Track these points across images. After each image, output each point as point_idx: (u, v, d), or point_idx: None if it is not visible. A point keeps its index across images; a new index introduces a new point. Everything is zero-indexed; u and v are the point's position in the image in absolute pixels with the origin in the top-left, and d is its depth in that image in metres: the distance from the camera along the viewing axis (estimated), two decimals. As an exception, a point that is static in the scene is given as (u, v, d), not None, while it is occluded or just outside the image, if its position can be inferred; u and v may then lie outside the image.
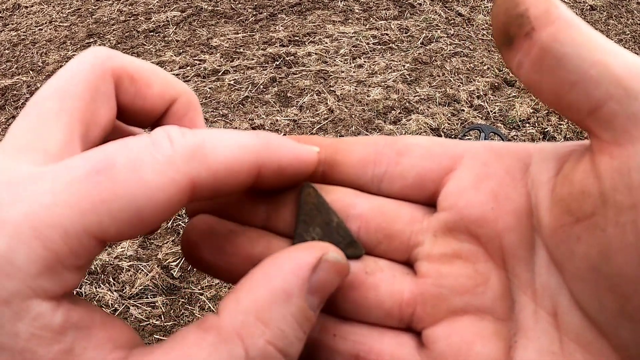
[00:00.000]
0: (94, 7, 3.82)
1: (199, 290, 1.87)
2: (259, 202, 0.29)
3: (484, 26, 3.50)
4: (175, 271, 1.93)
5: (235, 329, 0.22)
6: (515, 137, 2.55)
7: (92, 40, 3.41)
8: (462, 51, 3.18)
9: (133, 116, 0.28)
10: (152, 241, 2.03)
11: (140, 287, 1.89)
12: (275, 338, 0.22)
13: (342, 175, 0.28)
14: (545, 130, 2.61)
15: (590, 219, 0.21)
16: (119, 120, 0.28)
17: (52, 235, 0.19)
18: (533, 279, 0.24)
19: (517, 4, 0.22)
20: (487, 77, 2.94)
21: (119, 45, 3.31)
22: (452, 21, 3.53)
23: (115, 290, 1.89)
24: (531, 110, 2.71)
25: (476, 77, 2.95)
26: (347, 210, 0.28)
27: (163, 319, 1.75)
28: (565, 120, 2.69)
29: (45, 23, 3.69)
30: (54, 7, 3.90)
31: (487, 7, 3.73)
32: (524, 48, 0.22)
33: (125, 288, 1.90)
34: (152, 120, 0.28)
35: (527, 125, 2.64)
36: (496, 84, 2.90)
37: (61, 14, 3.78)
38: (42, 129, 0.23)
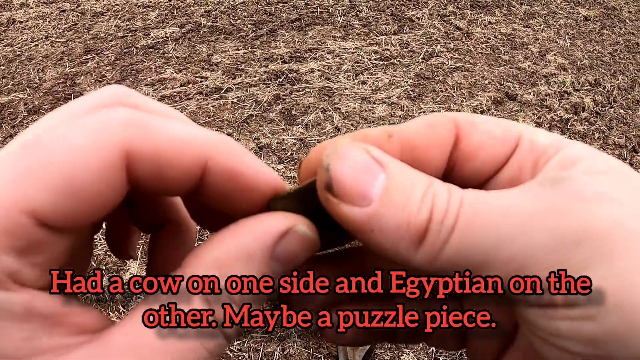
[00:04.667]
0: (90, 23, 3.80)
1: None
2: None
3: (482, 39, 3.52)
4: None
5: (197, 280, 0.23)
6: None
7: (90, 56, 3.39)
8: (463, 65, 3.20)
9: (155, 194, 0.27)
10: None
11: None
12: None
13: None
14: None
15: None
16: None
17: None
18: None
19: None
20: (489, 92, 2.96)
21: (117, 61, 3.30)
22: (451, 35, 3.55)
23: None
24: (534, 124, 2.73)
25: (478, 91, 2.96)
26: None
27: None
28: (567, 133, 2.71)
29: (41, 39, 3.66)
30: (49, 22, 3.87)
31: (485, 20, 3.76)
32: None
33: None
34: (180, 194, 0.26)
35: (532, 140, 2.66)
36: (498, 99, 2.92)
37: (57, 30, 3.76)
38: None
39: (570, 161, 0.25)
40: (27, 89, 3.12)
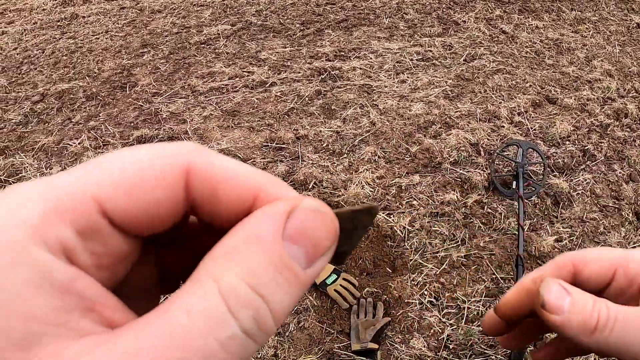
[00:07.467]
0: (148, 19, 3.99)
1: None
2: None
3: (527, 44, 3.52)
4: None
5: (208, 270, 0.22)
6: (554, 154, 2.57)
7: (146, 50, 3.56)
8: (504, 68, 3.21)
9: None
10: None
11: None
12: (246, 274, 0.22)
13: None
14: (586, 148, 2.62)
15: None
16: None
17: (53, 192, 0.22)
18: None
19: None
20: (528, 95, 2.97)
21: (171, 55, 3.45)
22: (496, 39, 3.56)
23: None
24: (572, 128, 2.73)
25: (518, 94, 2.98)
26: None
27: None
28: (607, 139, 2.70)
29: (102, 32, 3.86)
30: (110, 17, 4.08)
31: (532, 24, 3.75)
32: None
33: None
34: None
35: (567, 142, 2.66)
36: (537, 101, 2.92)
37: (117, 25, 3.95)
38: None
39: None
40: (87, 77, 3.30)
